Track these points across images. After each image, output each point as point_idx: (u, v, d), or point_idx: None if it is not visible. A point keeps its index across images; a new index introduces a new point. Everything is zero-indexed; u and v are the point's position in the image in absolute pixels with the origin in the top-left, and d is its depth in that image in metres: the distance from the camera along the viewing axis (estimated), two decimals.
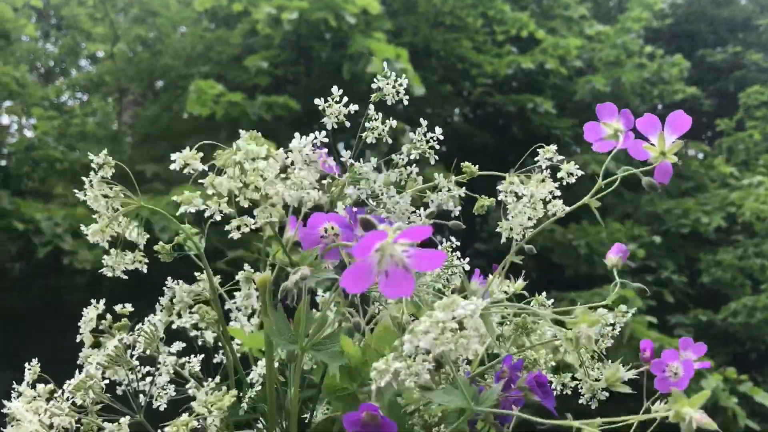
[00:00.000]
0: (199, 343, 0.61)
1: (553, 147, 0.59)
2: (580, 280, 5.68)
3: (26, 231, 3.34)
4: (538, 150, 0.62)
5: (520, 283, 0.59)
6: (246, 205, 0.50)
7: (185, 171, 0.52)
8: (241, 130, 0.54)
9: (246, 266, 0.62)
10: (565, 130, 6.38)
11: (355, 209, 0.55)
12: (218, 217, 0.50)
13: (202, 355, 0.60)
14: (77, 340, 0.60)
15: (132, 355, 0.58)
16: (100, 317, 0.60)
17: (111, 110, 5.66)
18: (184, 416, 0.50)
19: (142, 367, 0.61)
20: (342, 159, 0.59)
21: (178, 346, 0.63)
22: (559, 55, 6.34)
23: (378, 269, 0.40)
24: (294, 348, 0.50)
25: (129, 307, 0.61)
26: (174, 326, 0.62)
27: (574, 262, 5.37)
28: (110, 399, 0.56)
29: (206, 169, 0.52)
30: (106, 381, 0.56)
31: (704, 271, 5.94)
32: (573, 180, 0.57)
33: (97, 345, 0.60)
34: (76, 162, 4.37)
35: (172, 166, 0.52)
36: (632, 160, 0.67)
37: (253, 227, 0.50)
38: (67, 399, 0.54)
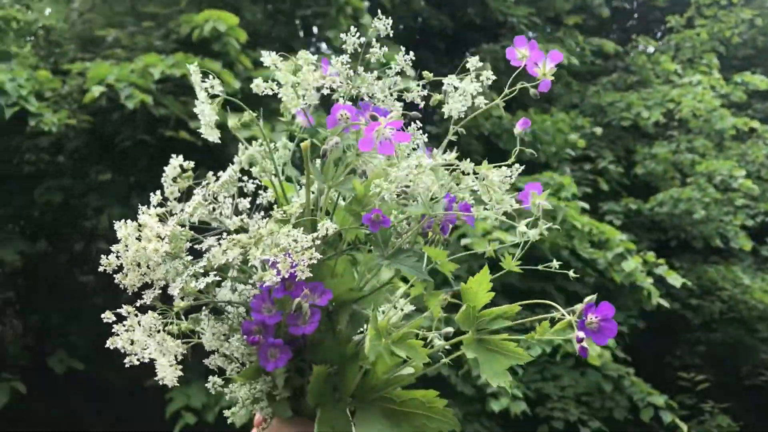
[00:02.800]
0: (245, 190, 0.87)
1: (476, 59, 0.81)
2: (522, 165, 5.98)
3: None
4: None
5: (454, 154, 0.83)
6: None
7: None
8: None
9: (283, 138, 0.84)
10: (521, 17, 6.50)
11: (363, 103, 0.81)
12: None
13: (249, 198, 0.87)
14: (163, 181, 0.82)
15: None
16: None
17: None
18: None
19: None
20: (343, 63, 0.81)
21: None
22: None
23: (376, 141, 0.75)
24: (323, 185, 0.81)
25: (191, 164, 0.83)
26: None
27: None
28: (213, 218, 0.82)
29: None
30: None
31: (639, 163, 6.31)
32: (490, 82, 0.80)
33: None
34: (33, 23, 4.35)
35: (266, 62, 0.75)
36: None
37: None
38: (187, 215, 0.81)
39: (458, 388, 4.02)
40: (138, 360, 0.77)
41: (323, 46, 5.65)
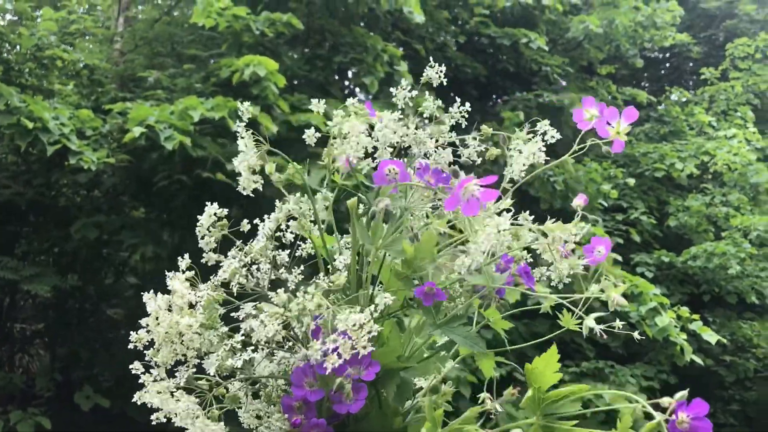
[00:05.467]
0: (283, 241, 0.83)
1: (546, 122, 0.78)
2: (553, 214, 5.95)
3: (35, 129, 3.47)
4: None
5: (509, 201, 0.79)
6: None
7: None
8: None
9: (323, 190, 0.82)
10: (554, 67, 6.52)
11: (424, 163, 0.78)
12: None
13: (288, 250, 0.83)
14: (199, 234, 0.80)
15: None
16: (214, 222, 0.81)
17: (109, 7, 5.68)
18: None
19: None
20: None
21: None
22: None
23: (462, 198, 0.70)
24: (371, 246, 0.76)
25: (224, 211, 0.81)
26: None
27: (549, 196, 5.61)
28: (248, 281, 0.79)
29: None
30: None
31: (672, 215, 6.23)
32: (554, 140, 0.77)
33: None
34: (78, 62, 4.45)
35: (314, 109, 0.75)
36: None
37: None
38: (218, 283, 0.77)
39: None
40: (165, 418, 0.72)
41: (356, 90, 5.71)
